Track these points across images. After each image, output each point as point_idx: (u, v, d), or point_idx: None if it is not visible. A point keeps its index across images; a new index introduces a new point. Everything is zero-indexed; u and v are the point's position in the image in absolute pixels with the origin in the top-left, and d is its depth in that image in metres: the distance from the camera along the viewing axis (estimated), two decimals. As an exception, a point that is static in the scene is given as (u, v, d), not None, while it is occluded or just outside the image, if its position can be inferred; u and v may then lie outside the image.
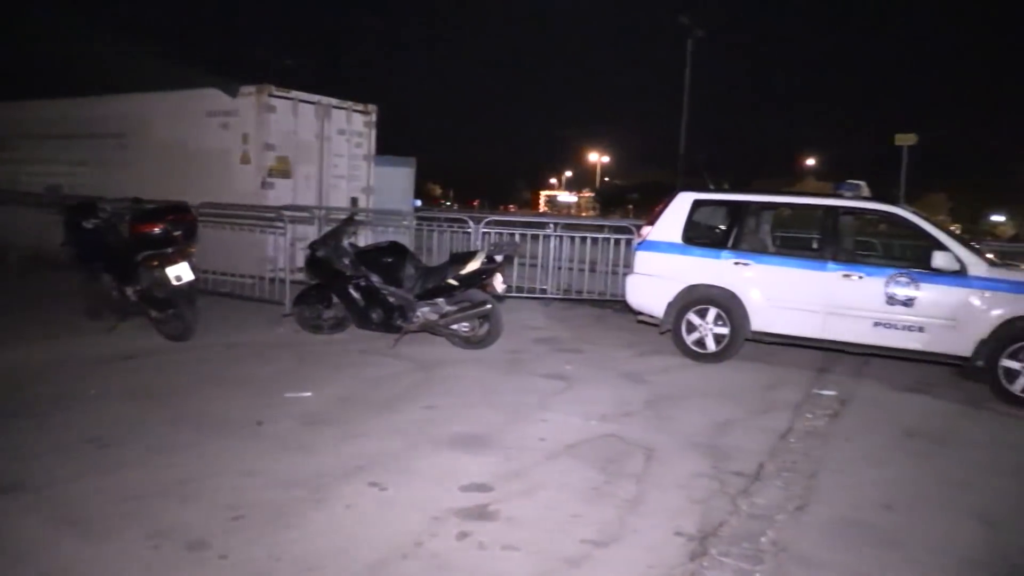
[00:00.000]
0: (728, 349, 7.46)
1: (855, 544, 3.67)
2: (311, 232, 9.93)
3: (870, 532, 3.82)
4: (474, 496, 3.96)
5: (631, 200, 66.45)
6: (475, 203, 75.16)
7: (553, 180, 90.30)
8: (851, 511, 4.07)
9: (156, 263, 7.09)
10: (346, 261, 7.64)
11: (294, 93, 11.89)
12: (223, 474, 4.12)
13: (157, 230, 7.22)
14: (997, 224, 57.19)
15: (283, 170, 11.75)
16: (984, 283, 6.62)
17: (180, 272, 7.10)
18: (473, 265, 7.32)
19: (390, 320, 7.49)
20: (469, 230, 11.01)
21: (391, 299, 7.50)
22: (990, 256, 7.08)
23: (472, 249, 9.27)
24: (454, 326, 7.46)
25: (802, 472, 4.61)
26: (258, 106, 11.47)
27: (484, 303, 7.40)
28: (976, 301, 6.61)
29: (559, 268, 11.25)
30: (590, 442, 4.96)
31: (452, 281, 7.36)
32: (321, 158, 12.33)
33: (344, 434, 4.86)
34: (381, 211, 13.22)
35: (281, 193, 11.55)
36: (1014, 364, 6.43)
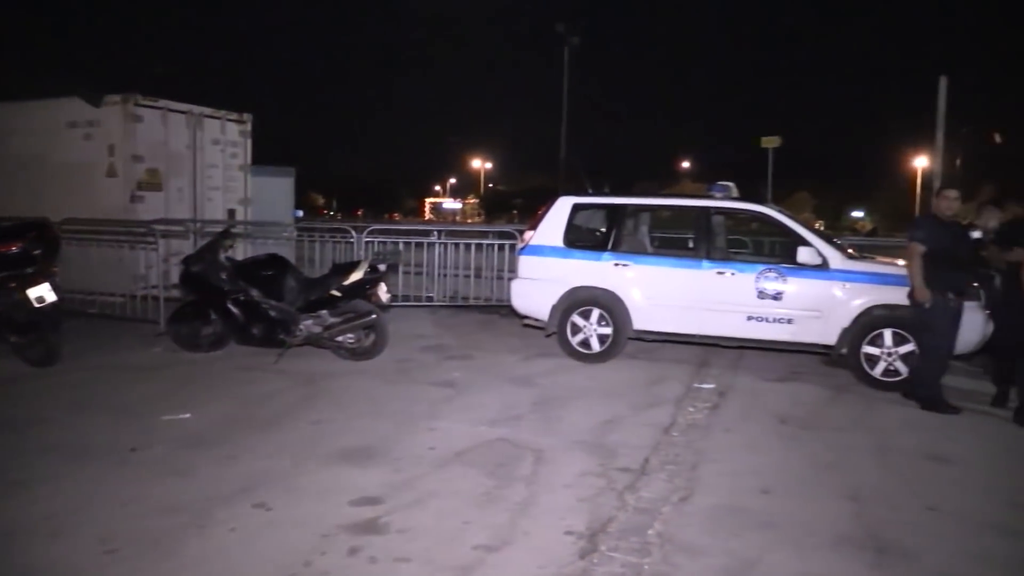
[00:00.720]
0: (612, 349, 7.65)
1: (736, 529, 3.82)
2: (186, 247, 9.52)
3: (749, 517, 3.99)
4: (363, 510, 3.89)
5: (516, 205, 67.21)
6: (359, 212, 74.10)
7: (438, 187, 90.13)
8: (731, 498, 4.24)
9: (14, 285, 6.62)
10: (223, 276, 7.37)
11: (163, 102, 11.36)
12: (95, 506, 3.88)
13: (15, 249, 6.74)
14: (857, 220, 61.22)
15: (153, 183, 11.20)
16: (844, 275, 7.05)
17: (41, 293, 6.65)
18: (356, 275, 7.21)
19: (272, 335, 7.27)
20: (352, 240, 10.85)
21: (272, 313, 7.28)
22: (850, 250, 7.56)
23: (355, 259, 9.12)
24: (339, 338, 7.32)
25: (685, 464, 4.78)
26: (124, 116, 10.89)
27: (369, 313, 7.30)
28: (838, 292, 7.04)
29: (445, 275, 11.24)
30: (480, 448, 4.97)
31: (335, 292, 7.23)
32: (195, 169, 11.82)
33: (226, 455, 4.68)
34: (260, 223, 12.83)
35: (152, 207, 10.99)
36: (874, 350, 6.88)
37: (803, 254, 7.11)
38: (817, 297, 7.09)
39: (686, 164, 60.03)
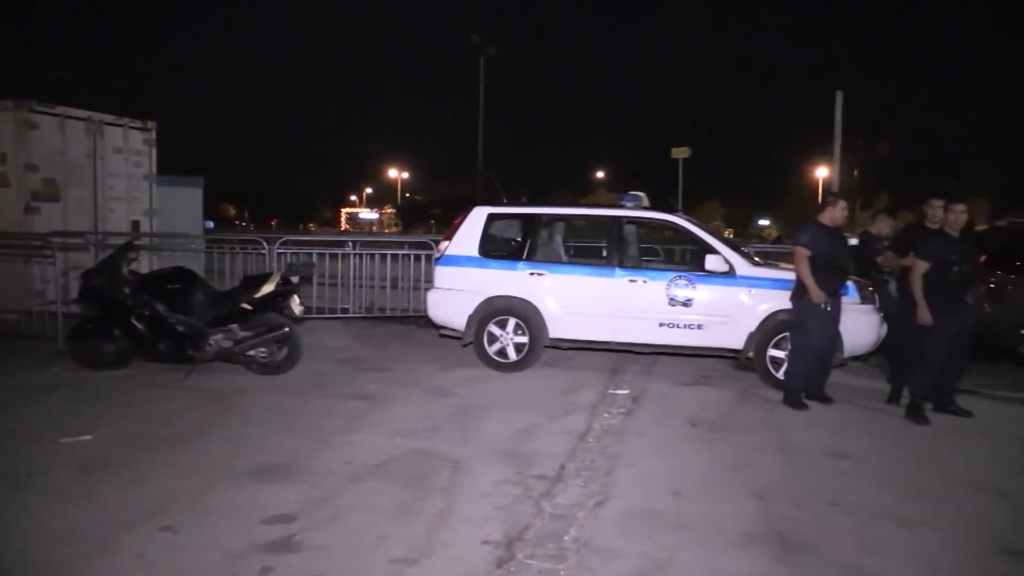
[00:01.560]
0: (528, 357, 7.71)
1: (649, 531, 3.92)
2: (86, 260, 9.11)
3: (662, 519, 4.09)
4: (277, 528, 3.81)
5: (433, 215, 67.00)
6: (272, 223, 72.50)
7: (354, 197, 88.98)
8: (645, 501, 4.34)
9: None
10: (126, 290, 7.11)
11: (60, 109, 10.86)
12: (-15, 536, 3.68)
13: None
14: (764, 228, 63.51)
15: (50, 193, 10.69)
16: (750, 281, 7.32)
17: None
18: (268, 288, 7.06)
19: (180, 351, 7.05)
20: (264, 251, 10.61)
21: (180, 328, 7.06)
22: (755, 257, 7.85)
23: (267, 271, 8.93)
24: (251, 352, 7.15)
25: (600, 469, 4.86)
26: (17, 123, 10.35)
27: (281, 326, 7.15)
28: (744, 298, 7.30)
29: (360, 286, 11.11)
30: (397, 460, 4.93)
31: (246, 305, 7.06)
32: (95, 179, 11.34)
33: (131, 477, 4.50)
34: (167, 235, 12.42)
35: (49, 218, 10.47)
36: (779, 353, 7.15)
37: (711, 262, 7.35)
38: (725, 303, 7.33)
39: (601, 174, 61.11)
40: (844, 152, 17.30)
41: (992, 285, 8.18)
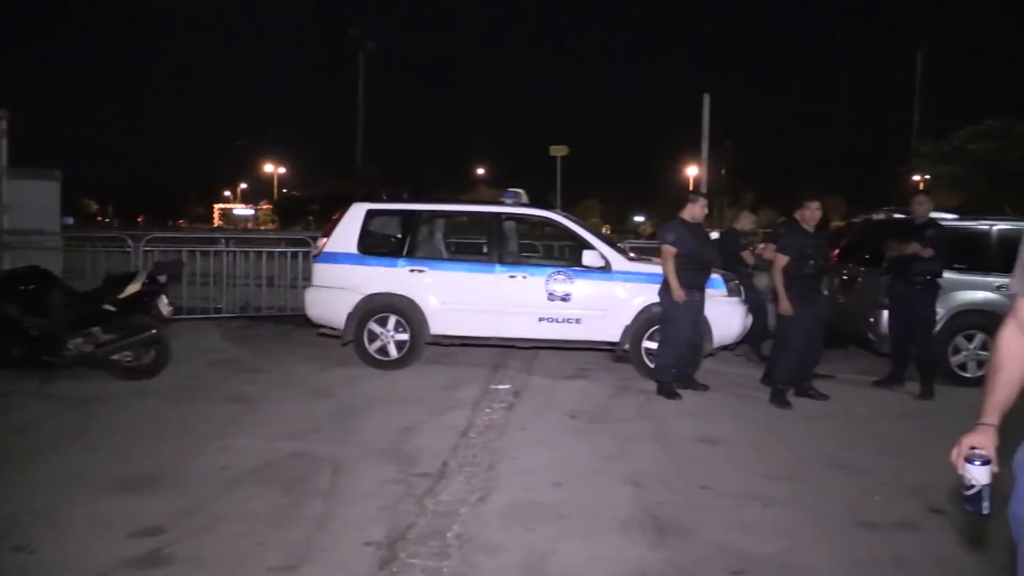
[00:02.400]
0: (410, 355, 7.66)
1: (531, 523, 3.98)
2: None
3: (543, 510, 4.17)
4: (145, 542, 3.63)
5: (312, 211, 65.29)
6: (140, 219, 68.75)
7: (228, 193, 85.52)
8: (527, 494, 4.40)
9: None
10: (-28, 292, 6.57)
11: None
12: None
13: None
14: (639, 224, 65.60)
15: None
16: (626, 276, 7.54)
17: None
18: (133, 287, 6.70)
19: (35, 356, 6.58)
20: (128, 249, 10.07)
21: (34, 332, 6.58)
22: (630, 252, 8.10)
23: (132, 270, 8.46)
24: (115, 356, 6.75)
25: (482, 465, 4.90)
26: None
27: (148, 328, 6.80)
28: (620, 292, 7.51)
29: (234, 285, 10.72)
30: (275, 464, 4.80)
31: (109, 307, 6.67)
32: (-66, 173, 10.43)
33: (-22, 495, 4.18)
34: (19, 231, 11.55)
35: None
36: (653, 345, 7.39)
37: (588, 257, 7.53)
38: (602, 297, 7.53)
39: (481, 171, 61.34)
40: (712, 152, 18.10)
41: (845, 277, 8.77)
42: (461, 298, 7.67)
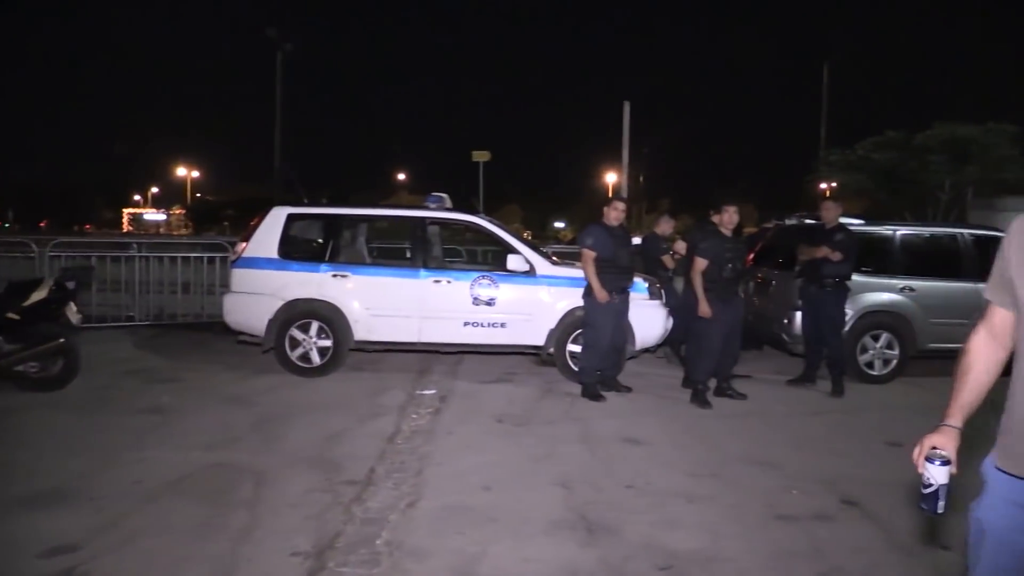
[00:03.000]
0: (333, 361, 7.54)
1: (461, 527, 3.97)
2: None
3: (473, 514, 4.16)
4: (58, 561, 3.45)
5: (227, 216, 63.50)
6: (42, 224, 65.49)
7: (138, 197, 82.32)
8: (455, 498, 4.39)
9: None
10: None
11: None
12: None
13: None
14: (559, 229, 66.32)
15: None
16: (549, 280, 7.61)
17: None
18: (38, 295, 6.38)
19: (-71, 369, 6.20)
20: (33, 255, 9.60)
21: (-72, 343, 6.20)
22: (553, 257, 8.17)
23: (37, 276, 8.06)
24: (20, 367, 6.41)
25: (410, 470, 4.86)
26: None
27: (56, 337, 6.49)
28: (544, 296, 7.58)
29: (148, 292, 10.34)
30: (194, 475, 4.64)
31: (12, 315, 6.33)
32: None
33: None
34: (-92, 238, 10.88)
35: None
36: (577, 348, 7.47)
37: (512, 261, 7.57)
38: (526, 301, 7.58)
39: (402, 176, 60.90)
40: (631, 159, 18.47)
41: (759, 280, 9.07)
42: (385, 303, 7.59)
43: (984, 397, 2.07)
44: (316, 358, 7.53)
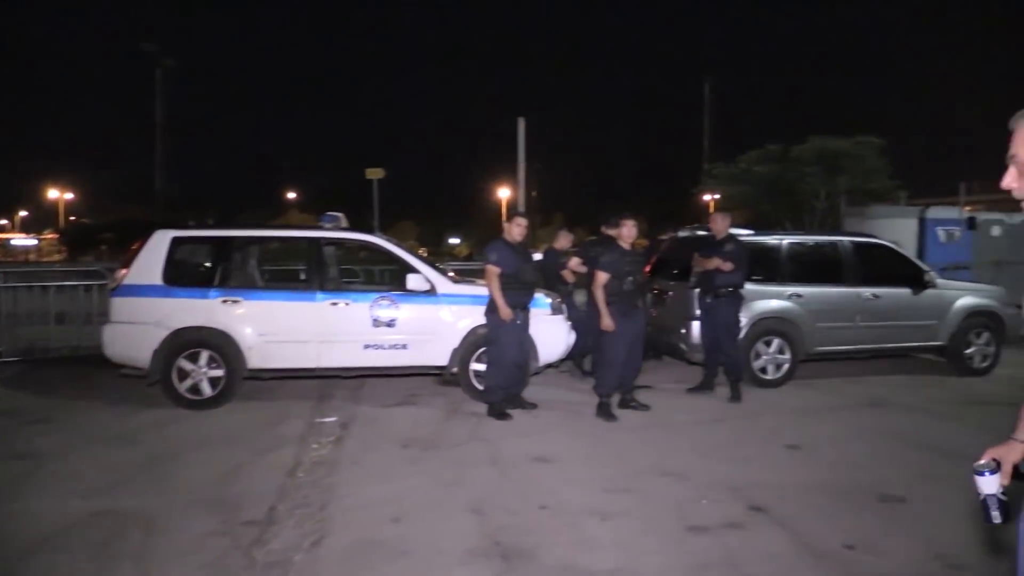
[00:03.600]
0: (225, 392, 7.15)
1: (371, 564, 3.79)
2: None
3: (383, 548, 3.98)
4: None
5: (105, 240, 60.26)
6: None
7: (5, 221, 77.08)
8: (364, 532, 4.19)
9: None
10: None
11: None
12: None
13: None
14: (455, 246, 66.25)
15: None
16: (451, 299, 7.49)
17: None
18: None
19: None
20: None
21: None
22: (451, 274, 8.06)
23: None
24: None
25: (314, 505, 4.62)
26: None
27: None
28: (446, 316, 7.45)
29: (16, 324, 9.58)
30: (75, 527, 4.26)
31: None
32: None
33: None
34: None
35: None
36: (481, 367, 7.37)
37: (412, 281, 7.41)
38: (428, 321, 7.43)
39: (292, 195, 59.45)
40: (526, 175, 18.61)
41: (657, 292, 9.23)
42: (280, 328, 7.27)
43: None
44: (207, 389, 7.13)
